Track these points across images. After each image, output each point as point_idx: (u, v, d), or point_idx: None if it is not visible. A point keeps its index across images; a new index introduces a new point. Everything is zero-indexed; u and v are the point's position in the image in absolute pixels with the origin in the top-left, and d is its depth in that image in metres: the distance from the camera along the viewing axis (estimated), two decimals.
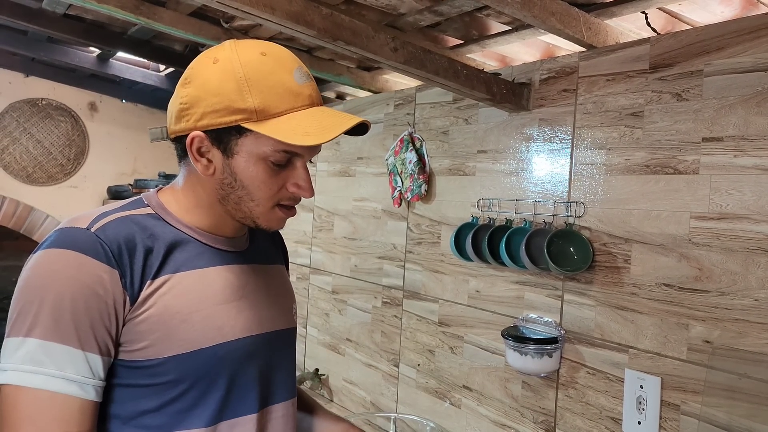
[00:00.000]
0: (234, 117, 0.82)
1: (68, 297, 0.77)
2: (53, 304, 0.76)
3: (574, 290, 1.74)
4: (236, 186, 0.86)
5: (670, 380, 1.50)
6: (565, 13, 1.59)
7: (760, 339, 1.34)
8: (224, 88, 0.82)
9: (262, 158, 0.84)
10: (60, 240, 0.81)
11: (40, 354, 0.75)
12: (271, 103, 0.82)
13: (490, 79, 1.83)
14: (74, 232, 0.81)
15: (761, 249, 1.34)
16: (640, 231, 1.58)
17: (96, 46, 3.10)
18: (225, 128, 0.83)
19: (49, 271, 0.78)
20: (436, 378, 2.22)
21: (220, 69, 0.83)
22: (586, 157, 1.73)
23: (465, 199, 2.13)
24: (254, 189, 0.86)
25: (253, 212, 0.89)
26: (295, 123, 0.82)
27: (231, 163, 0.85)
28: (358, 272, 2.67)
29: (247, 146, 0.84)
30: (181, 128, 0.86)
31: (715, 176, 1.43)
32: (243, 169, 0.85)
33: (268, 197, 0.87)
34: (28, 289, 0.78)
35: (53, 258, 0.79)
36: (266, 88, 0.82)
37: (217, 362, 0.88)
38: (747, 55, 1.39)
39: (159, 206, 0.91)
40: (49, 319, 0.76)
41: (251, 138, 0.83)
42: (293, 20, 1.46)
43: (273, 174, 0.86)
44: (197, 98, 0.84)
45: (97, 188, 4.05)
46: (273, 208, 0.89)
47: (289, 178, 0.87)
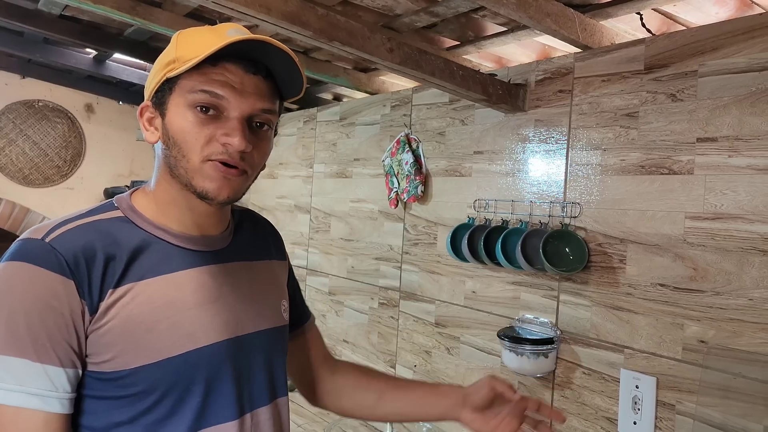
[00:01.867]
0: (162, 72, 0.85)
1: (22, 310, 0.76)
2: (8, 318, 0.75)
3: (570, 290, 1.74)
4: (170, 145, 0.84)
5: (665, 380, 1.50)
6: (560, 14, 1.60)
7: (755, 338, 1.34)
8: (163, 53, 0.87)
9: (187, 106, 0.83)
10: (15, 253, 0.79)
11: (4, 369, 0.74)
12: (192, 48, 0.82)
13: (486, 79, 1.84)
14: (29, 244, 0.79)
15: (756, 249, 1.35)
16: (636, 231, 1.58)
17: (92, 48, 3.09)
18: (160, 89, 0.85)
19: (3, 286, 0.77)
20: (433, 379, 2.22)
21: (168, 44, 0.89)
22: (581, 158, 1.73)
23: (461, 199, 2.13)
24: (182, 143, 0.83)
25: (187, 171, 0.83)
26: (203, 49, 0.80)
27: (166, 123, 0.85)
28: (354, 273, 2.67)
29: (174, 99, 0.84)
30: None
31: (709, 176, 1.43)
32: (173, 123, 0.84)
33: (197, 149, 0.83)
34: None
35: (7, 272, 0.78)
36: (193, 40, 0.85)
37: (188, 370, 0.84)
38: (741, 55, 1.39)
39: (129, 208, 0.88)
40: (4, 333, 0.75)
41: (177, 91, 0.84)
42: (289, 21, 1.47)
43: (201, 123, 0.83)
44: (150, 75, 0.89)
45: (94, 190, 4.05)
46: (204, 163, 0.83)
47: (218, 129, 0.83)
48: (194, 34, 0.86)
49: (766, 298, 1.32)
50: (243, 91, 0.83)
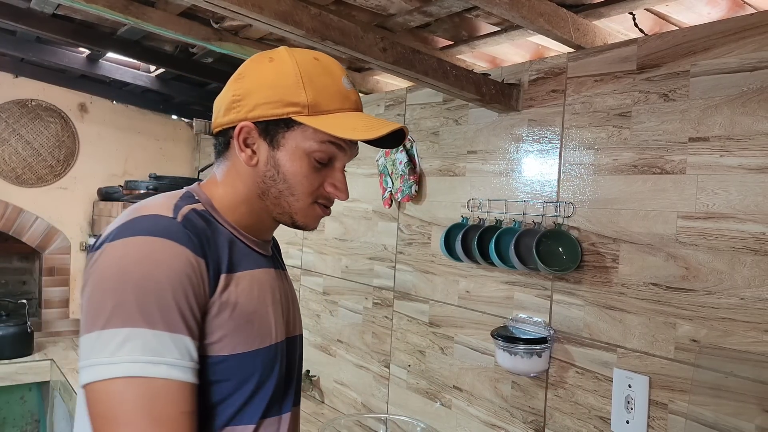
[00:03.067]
0: (286, 109, 0.86)
1: (169, 284, 0.76)
2: (156, 292, 0.75)
3: (563, 290, 1.75)
4: (278, 179, 0.89)
5: (658, 379, 1.51)
6: (553, 14, 1.60)
7: (746, 338, 1.34)
8: (280, 81, 0.87)
9: (306, 153, 0.88)
10: (148, 228, 0.79)
11: (149, 343, 0.73)
12: (322, 100, 0.87)
13: (479, 79, 1.84)
14: (162, 221, 0.81)
15: (747, 248, 1.35)
16: (628, 231, 1.59)
17: (85, 47, 3.08)
18: (274, 120, 0.87)
19: (146, 259, 0.77)
20: (427, 378, 2.22)
21: (277, 65, 0.88)
22: (574, 158, 1.74)
23: (455, 199, 2.13)
24: (296, 183, 0.89)
25: (292, 207, 0.91)
26: (343, 120, 0.87)
27: (276, 156, 0.88)
28: (348, 273, 2.67)
29: (293, 140, 0.87)
30: (230, 119, 0.89)
31: (701, 176, 1.44)
32: (286, 162, 0.88)
33: (308, 193, 0.90)
34: (122, 278, 0.76)
35: (147, 246, 0.78)
36: (319, 86, 0.87)
37: (269, 362, 0.90)
38: (733, 55, 1.40)
39: (208, 203, 0.91)
40: (153, 307, 0.75)
41: (298, 132, 0.87)
42: (281, 20, 1.46)
43: (314, 171, 0.89)
44: (251, 90, 0.88)
45: (88, 190, 4.03)
46: (312, 205, 0.91)
47: (327, 178, 0.91)
48: (318, 77, 0.87)
49: (757, 297, 1.33)
50: (354, 144, 0.92)
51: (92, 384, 0.74)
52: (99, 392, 0.73)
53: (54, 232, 3.94)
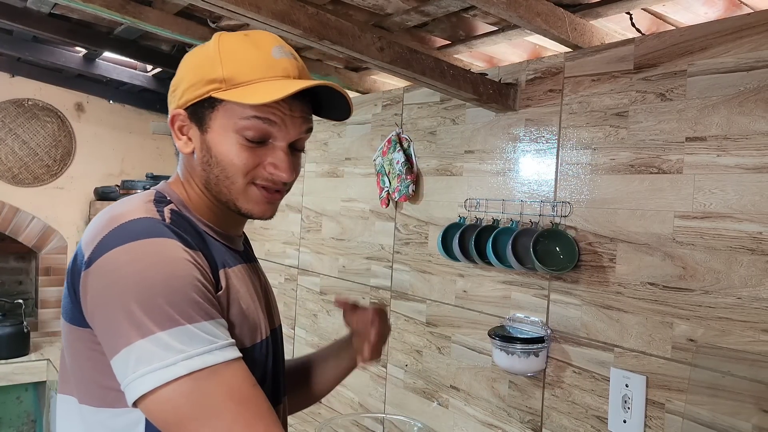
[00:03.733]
0: (206, 88, 0.83)
1: (190, 276, 0.75)
2: (182, 287, 0.74)
3: (561, 290, 1.75)
4: (212, 163, 0.86)
5: (655, 378, 1.51)
6: (550, 14, 1.60)
7: (743, 337, 1.35)
8: (201, 62, 0.85)
9: (234, 131, 0.83)
10: (144, 230, 0.77)
11: (196, 336, 0.72)
12: (240, 72, 0.83)
13: (476, 79, 1.84)
14: (153, 222, 0.79)
15: (744, 248, 1.35)
16: (625, 230, 1.59)
17: (82, 46, 3.08)
18: (199, 103, 0.84)
19: (158, 259, 0.75)
20: (424, 378, 2.22)
21: (202, 48, 0.88)
22: (571, 157, 1.74)
23: (452, 199, 2.13)
24: (227, 164, 0.84)
25: (231, 192, 0.86)
26: (261, 89, 0.82)
27: (206, 139, 0.85)
28: (346, 273, 2.67)
29: (219, 119, 0.84)
30: (170, 112, 0.88)
31: (698, 175, 1.44)
32: (216, 144, 0.84)
33: (242, 173, 0.85)
34: (142, 283, 0.73)
35: (152, 246, 0.76)
36: (238, 59, 0.84)
37: (262, 358, 0.90)
38: (729, 55, 1.40)
39: (180, 202, 0.89)
40: (185, 303, 0.73)
41: (222, 111, 0.84)
42: (279, 19, 1.46)
43: (248, 150, 0.84)
44: (181, 79, 0.87)
45: (84, 189, 4.02)
46: (249, 186, 0.86)
47: (266, 158, 0.85)
48: (239, 50, 0.84)
49: (754, 296, 1.33)
50: (291, 117, 0.85)
51: (154, 393, 0.70)
52: (168, 397, 0.70)
53: (50, 231, 3.93)
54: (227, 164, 0.84)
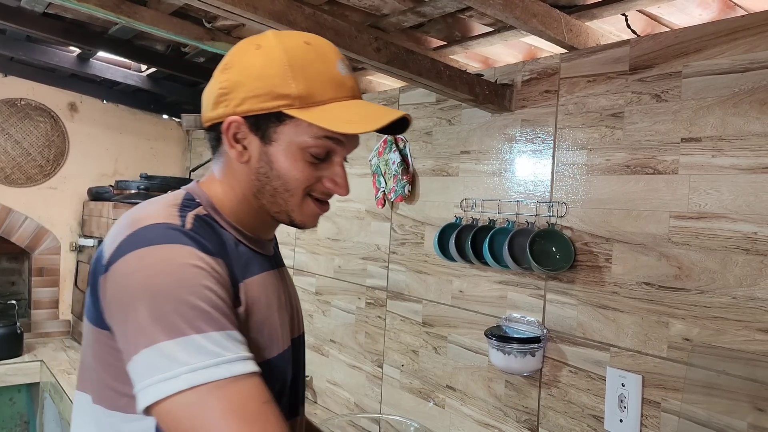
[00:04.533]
0: (276, 102, 0.80)
1: (201, 285, 0.73)
2: (191, 295, 0.72)
3: (557, 289, 1.75)
4: (272, 176, 0.84)
5: (650, 378, 1.52)
6: (546, 15, 1.60)
7: (738, 336, 1.36)
8: (268, 72, 0.80)
9: (301, 148, 0.82)
10: (160, 236, 0.76)
11: (203, 347, 0.70)
12: (314, 91, 0.81)
13: (472, 79, 1.84)
14: (171, 229, 0.77)
15: (739, 247, 1.36)
16: (621, 230, 1.59)
17: (76, 46, 3.06)
18: (264, 114, 0.81)
19: (170, 266, 0.73)
20: (420, 378, 2.23)
21: (264, 54, 0.82)
22: (567, 158, 1.75)
23: (448, 199, 2.13)
24: (290, 179, 0.83)
25: (288, 204, 0.86)
26: (338, 112, 0.81)
27: (268, 151, 0.83)
28: (341, 273, 2.67)
29: (286, 134, 0.82)
30: (218, 114, 0.84)
31: (693, 176, 1.45)
32: (280, 158, 0.83)
33: (303, 187, 0.84)
34: (151, 290, 0.72)
35: (165, 253, 0.74)
36: (310, 75, 0.81)
37: (281, 372, 0.88)
38: (724, 56, 1.41)
39: (209, 204, 0.87)
40: (193, 311, 0.71)
41: (291, 126, 0.82)
42: (276, 20, 1.46)
43: (310, 166, 0.84)
44: (238, 83, 0.82)
45: (77, 190, 4.00)
46: (306, 199, 0.86)
47: (325, 173, 0.85)
48: (308, 64, 0.81)
49: (749, 296, 1.34)
50: (353, 136, 0.85)
51: (157, 405, 0.69)
52: (166, 410, 0.69)
53: (43, 232, 3.91)
54: (290, 178, 0.83)
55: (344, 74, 0.84)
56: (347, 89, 0.84)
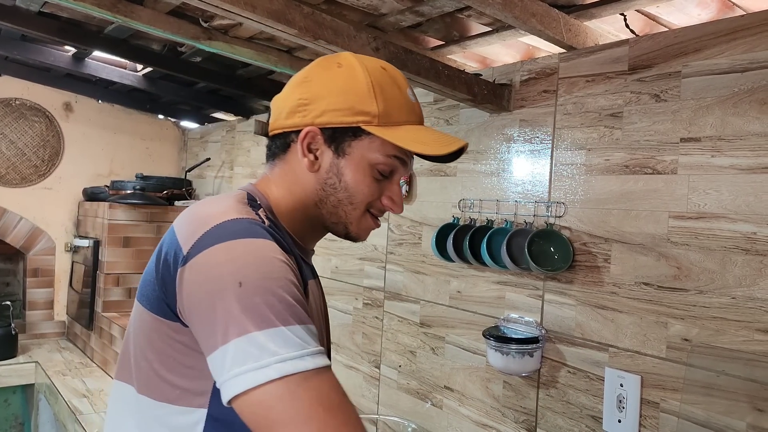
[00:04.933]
0: (356, 118, 0.85)
1: (286, 279, 0.75)
2: (278, 288, 0.73)
3: (555, 290, 1.75)
4: (339, 188, 0.88)
5: (649, 378, 1.51)
6: (545, 14, 1.60)
7: (738, 336, 1.35)
8: (351, 88, 0.85)
9: (371, 164, 0.87)
10: (244, 230, 0.77)
11: (290, 339, 0.71)
12: (392, 111, 0.86)
13: (471, 79, 1.84)
14: (254, 224, 0.79)
15: (738, 248, 1.36)
16: (620, 231, 1.59)
17: (71, 45, 3.05)
18: (341, 128, 0.86)
19: (257, 259, 0.74)
20: (418, 379, 2.22)
21: (347, 72, 0.87)
22: (566, 158, 1.74)
23: (446, 199, 2.13)
24: (357, 192, 0.88)
25: (348, 216, 0.89)
26: (412, 133, 0.86)
27: (339, 164, 0.87)
28: (338, 273, 2.66)
29: (360, 149, 0.86)
30: (294, 122, 0.88)
31: (693, 176, 1.45)
32: (350, 172, 0.87)
33: (366, 202, 0.89)
34: (240, 281, 0.72)
35: (252, 246, 0.76)
36: (388, 96, 0.86)
37: None
38: (723, 56, 1.41)
39: (269, 208, 0.89)
40: (280, 304, 0.72)
41: (365, 142, 0.86)
42: (274, 18, 1.45)
43: (375, 182, 0.88)
44: (319, 96, 0.86)
45: (72, 190, 3.99)
46: (365, 214, 0.90)
47: (384, 191, 0.90)
48: (387, 87, 0.87)
49: (748, 296, 1.34)
50: (411, 157, 0.91)
51: (247, 394, 0.69)
52: (260, 400, 0.69)
53: (38, 232, 3.89)
54: (356, 192, 0.88)
55: (413, 101, 0.90)
56: (416, 115, 0.90)
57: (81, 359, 3.67)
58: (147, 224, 3.64)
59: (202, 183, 4.04)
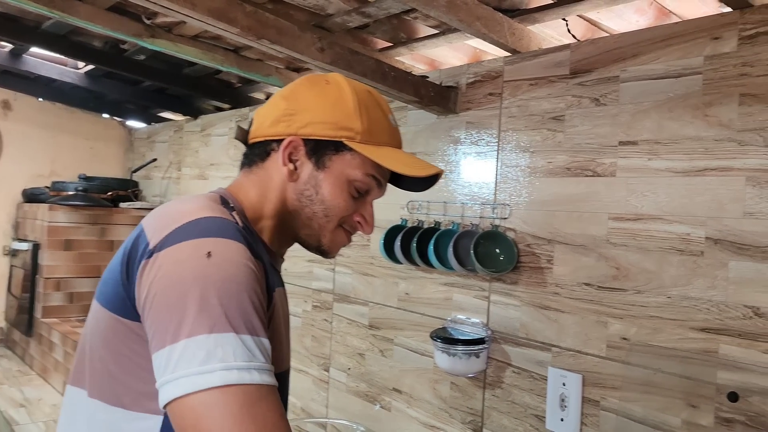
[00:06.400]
0: (340, 132, 0.86)
1: (248, 286, 0.73)
2: (238, 294, 0.71)
3: (500, 291, 1.77)
4: (315, 200, 0.88)
5: (590, 377, 1.54)
6: (489, 18, 1.61)
7: (674, 335, 1.39)
8: (338, 104, 0.87)
9: (349, 180, 0.88)
10: (217, 229, 0.75)
11: (239, 348, 0.68)
12: (375, 131, 0.88)
13: (418, 81, 1.84)
14: (227, 223, 0.77)
15: (674, 248, 1.40)
16: (563, 232, 1.62)
17: (7, 41, 2.92)
18: (324, 141, 0.87)
19: (223, 261, 0.72)
20: (367, 381, 2.21)
21: (335, 88, 0.89)
22: (511, 160, 1.76)
23: (394, 201, 2.13)
24: (333, 206, 0.88)
25: (322, 229, 0.90)
26: (393, 154, 0.89)
27: (318, 176, 0.88)
28: (288, 276, 2.62)
29: (340, 164, 0.88)
30: (277, 131, 0.88)
31: (631, 178, 1.48)
32: (328, 186, 0.88)
33: (340, 217, 0.89)
34: (201, 281, 0.70)
35: (221, 246, 0.73)
36: (372, 117, 0.88)
37: (284, 386, 0.87)
38: (659, 62, 1.45)
39: (242, 212, 0.88)
40: (237, 310, 0.70)
41: (347, 158, 0.87)
42: (215, 17, 1.42)
43: (352, 198, 0.89)
44: (306, 108, 0.88)
45: (11, 191, 3.83)
46: (338, 228, 0.90)
47: (358, 209, 0.91)
48: (372, 108, 0.89)
49: (683, 295, 1.38)
50: (386, 182, 0.93)
51: (185, 398, 0.66)
52: (196, 405, 0.66)
53: None
54: (332, 206, 0.88)
55: (394, 125, 0.93)
56: (397, 140, 0.92)
57: (20, 367, 3.52)
58: (90, 227, 3.52)
59: (149, 184, 3.94)
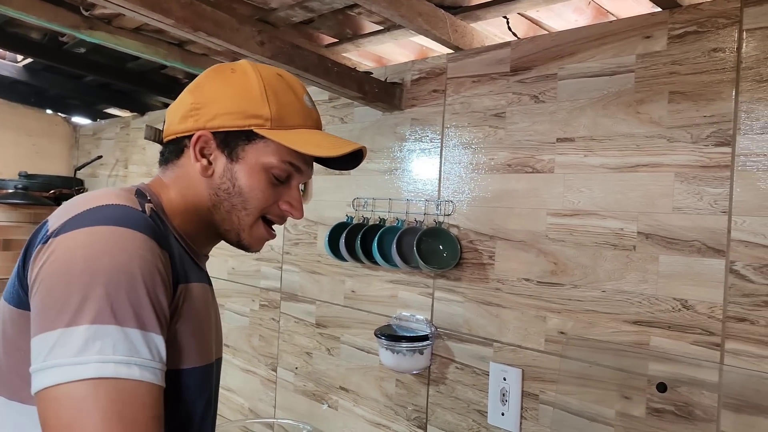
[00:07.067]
0: (248, 121, 0.84)
1: (142, 278, 0.69)
2: (128, 285, 0.68)
3: (444, 287, 1.77)
4: (233, 193, 0.86)
5: (530, 371, 1.56)
6: (431, 14, 1.61)
7: (608, 328, 1.42)
8: (243, 92, 0.85)
9: (265, 168, 0.86)
10: (117, 217, 0.72)
11: (120, 342, 0.66)
12: (285, 115, 0.86)
13: (361, 77, 1.83)
14: (131, 212, 0.74)
15: (608, 243, 1.42)
16: (504, 228, 1.63)
17: None
18: (234, 132, 0.85)
19: (117, 250, 0.69)
20: (314, 381, 2.19)
21: (239, 77, 0.87)
22: (454, 157, 1.77)
23: (341, 198, 2.11)
24: (251, 197, 0.86)
25: (241, 222, 0.87)
26: (306, 137, 0.86)
27: (233, 168, 0.86)
28: (235, 275, 2.59)
29: (253, 153, 0.85)
30: (186, 127, 0.86)
31: (568, 175, 1.50)
32: (244, 176, 0.85)
33: (261, 207, 0.87)
34: (89, 268, 0.67)
35: (117, 235, 0.70)
36: (282, 101, 0.86)
37: (205, 382, 0.86)
38: (595, 60, 1.47)
39: (159, 206, 0.85)
40: (125, 302, 0.67)
41: (259, 146, 0.85)
42: (148, 7, 1.38)
43: (271, 187, 0.87)
44: (211, 100, 0.86)
45: None
46: (258, 221, 0.88)
47: (282, 196, 0.89)
48: (281, 92, 0.87)
49: (617, 289, 1.40)
50: (310, 164, 0.91)
51: (54, 388, 0.64)
52: (62, 396, 0.63)
53: None
54: (251, 197, 0.86)
55: (309, 107, 0.90)
56: (313, 120, 0.90)
57: None
58: (30, 226, 3.40)
59: (94, 182, 3.83)
